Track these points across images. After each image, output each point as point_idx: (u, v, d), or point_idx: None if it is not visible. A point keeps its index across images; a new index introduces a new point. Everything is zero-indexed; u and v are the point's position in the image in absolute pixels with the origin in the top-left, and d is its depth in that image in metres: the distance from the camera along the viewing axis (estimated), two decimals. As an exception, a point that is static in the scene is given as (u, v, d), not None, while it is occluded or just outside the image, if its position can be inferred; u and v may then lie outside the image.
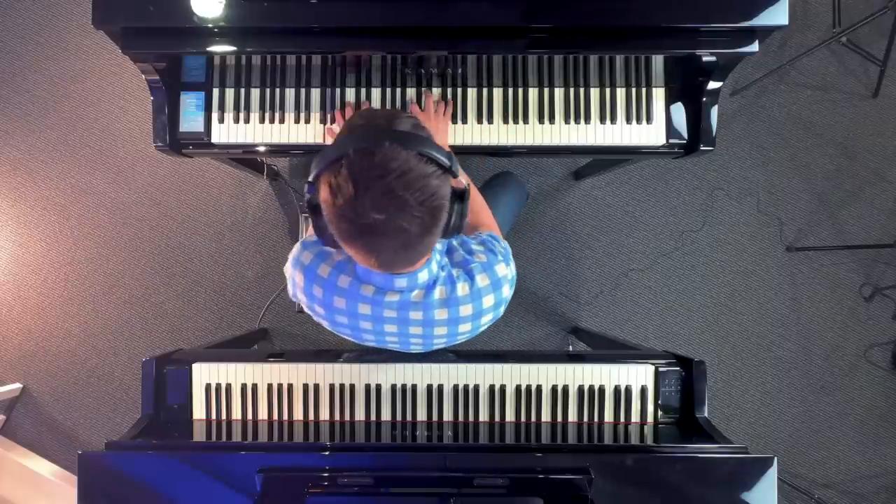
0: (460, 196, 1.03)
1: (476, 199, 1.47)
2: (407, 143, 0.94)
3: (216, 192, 2.49)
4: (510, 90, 1.56)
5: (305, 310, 1.23)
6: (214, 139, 1.56)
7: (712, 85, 1.49)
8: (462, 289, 1.14)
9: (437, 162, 0.96)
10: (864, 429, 2.50)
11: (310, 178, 1.00)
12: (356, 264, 1.11)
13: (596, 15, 1.33)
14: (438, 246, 1.15)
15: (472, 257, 1.19)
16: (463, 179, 1.05)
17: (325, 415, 1.46)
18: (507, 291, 1.20)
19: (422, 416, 1.46)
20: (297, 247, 1.21)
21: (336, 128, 1.55)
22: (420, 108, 1.54)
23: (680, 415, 1.45)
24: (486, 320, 1.21)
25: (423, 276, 1.11)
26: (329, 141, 1.56)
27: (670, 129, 1.56)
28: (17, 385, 2.48)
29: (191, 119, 1.55)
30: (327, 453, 1.25)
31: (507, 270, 1.20)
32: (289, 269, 1.21)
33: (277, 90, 1.55)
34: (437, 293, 1.14)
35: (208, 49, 1.37)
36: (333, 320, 1.20)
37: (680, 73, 1.54)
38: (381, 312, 1.15)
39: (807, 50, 2.34)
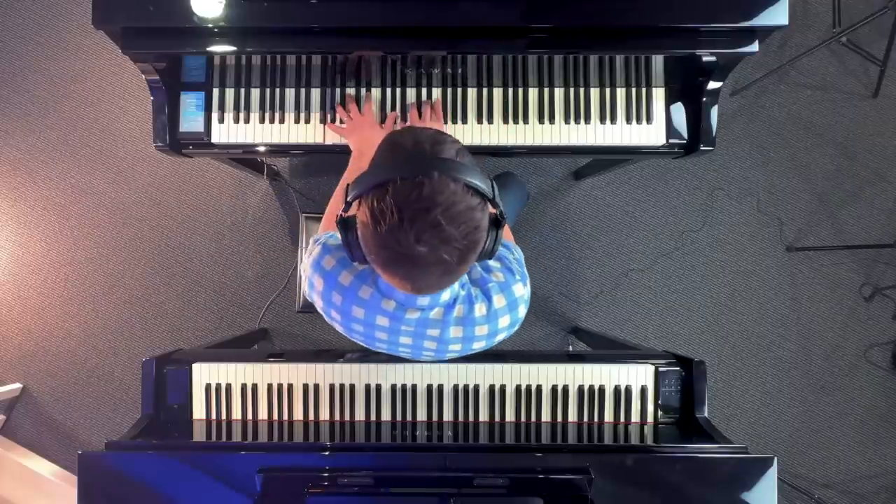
0: (496, 223, 1.00)
1: None
2: (455, 173, 0.91)
3: (216, 192, 2.49)
4: (510, 90, 1.56)
5: (319, 311, 1.22)
6: (214, 139, 1.56)
7: (712, 85, 1.49)
8: (479, 309, 1.13)
9: (481, 192, 0.94)
10: (864, 429, 2.50)
11: (349, 198, 0.97)
12: (378, 276, 1.10)
13: (596, 15, 1.33)
14: None
15: (489, 275, 1.17)
16: (502, 209, 1.02)
17: (325, 415, 1.46)
18: (523, 311, 1.19)
19: (422, 416, 1.46)
20: (317, 248, 1.18)
21: (339, 125, 1.55)
22: (419, 115, 1.54)
23: (680, 415, 1.45)
24: (500, 338, 1.20)
25: (445, 296, 1.11)
26: (331, 139, 1.56)
27: (670, 129, 1.56)
28: (17, 385, 2.48)
29: (191, 119, 1.55)
30: (327, 453, 1.25)
31: (523, 290, 1.18)
32: (308, 269, 1.19)
33: (277, 90, 1.55)
34: (456, 312, 1.13)
35: (208, 49, 1.37)
36: (349, 327, 1.19)
37: (680, 73, 1.54)
38: (398, 326, 1.14)
39: (807, 50, 2.34)
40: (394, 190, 0.90)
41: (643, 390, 1.46)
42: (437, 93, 1.56)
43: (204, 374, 1.46)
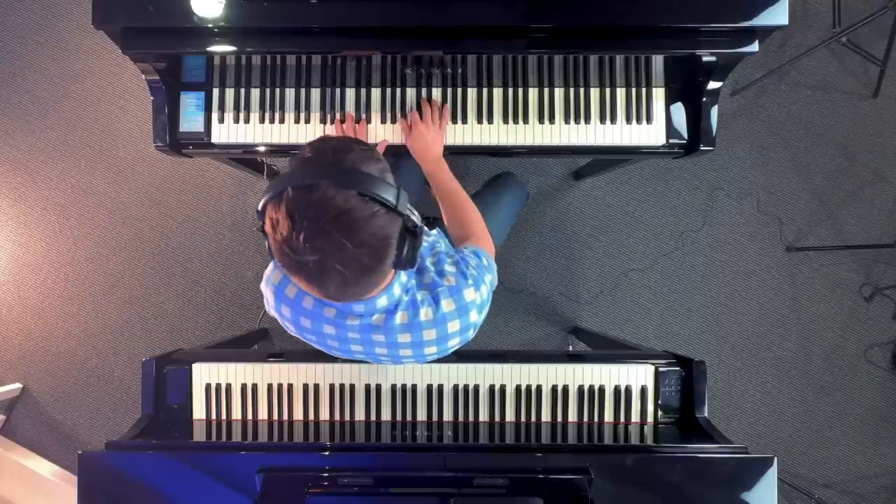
0: (412, 231, 0.99)
1: (464, 208, 1.44)
2: (348, 183, 0.91)
3: (216, 192, 2.49)
4: (510, 90, 1.56)
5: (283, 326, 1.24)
6: (214, 139, 1.56)
7: (712, 85, 1.49)
8: (425, 314, 1.13)
9: (379, 201, 0.93)
10: (864, 429, 2.50)
11: (258, 207, 0.98)
12: None
13: (596, 15, 1.33)
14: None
15: (441, 280, 1.16)
16: (415, 218, 1.00)
17: (325, 415, 1.46)
18: (475, 316, 1.17)
19: (422, 416, 1.46)
20: (270, 265, 1.20)
21: (332, 130, 1.56)
22: (420, 116, 1.53)
23: (680, 415, 1.45)
24: (454, 343, 1.19)
25: (381, 302, 1.10)
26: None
27: (670, 129, 1.56)
28: (17, 385, 2.48)
29: (191, 119, 1.55)
30: (327, 453, 1.25)
31: (475, 295, 1.16)
32: (263, 286, 1.21)
33: (277, 90, 1.55)
34: (399, 318, 1.12)
35: (208, 49, 1.37)
36: (304, 337, 1.21)
37: (680, 73, 1.54)
38: (344, 334, 1.15)
39: (807, 50, 2.34)
40: (287, 198, 0.91)
41: (643, 390, 1.46)
42: (437, 93, 1.56)
43: (204, 374, 1.46)
